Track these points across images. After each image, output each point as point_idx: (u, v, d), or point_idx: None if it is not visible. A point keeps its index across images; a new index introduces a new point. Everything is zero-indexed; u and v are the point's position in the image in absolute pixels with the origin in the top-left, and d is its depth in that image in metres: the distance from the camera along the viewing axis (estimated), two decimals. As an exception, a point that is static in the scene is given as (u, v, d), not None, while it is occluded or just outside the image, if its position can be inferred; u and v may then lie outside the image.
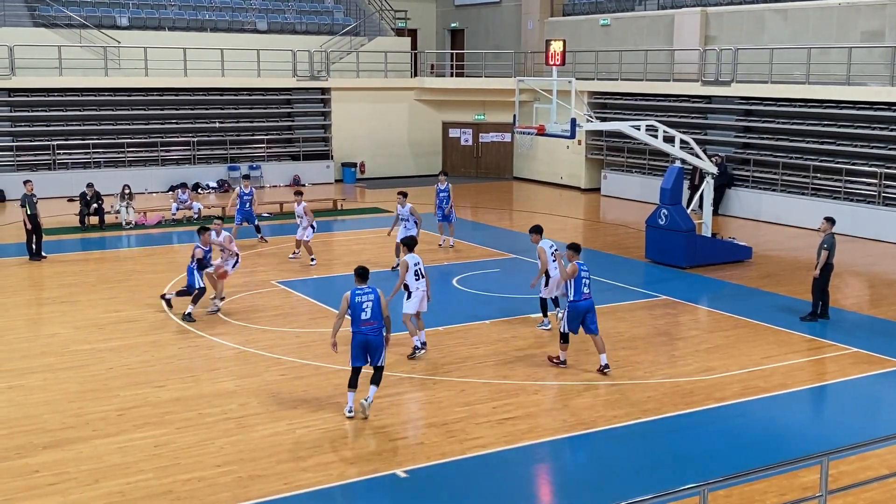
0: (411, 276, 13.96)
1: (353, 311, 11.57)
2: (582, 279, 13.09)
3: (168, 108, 32.42)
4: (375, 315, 11.55)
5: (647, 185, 29.52)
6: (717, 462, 10.39)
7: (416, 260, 14.07)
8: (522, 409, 12.01)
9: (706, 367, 13.71)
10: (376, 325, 11.56)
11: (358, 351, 11.58)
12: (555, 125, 19.80)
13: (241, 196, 22.64)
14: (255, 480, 9.96)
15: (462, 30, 41.48)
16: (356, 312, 11.55)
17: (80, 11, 31.80)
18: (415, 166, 35.98)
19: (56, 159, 30.18)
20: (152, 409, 11.95)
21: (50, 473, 10.07)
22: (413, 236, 15.15)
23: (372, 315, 11.53)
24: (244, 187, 22.82)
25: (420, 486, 9.99)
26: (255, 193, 22.97)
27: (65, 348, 14.47)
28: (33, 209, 20.43)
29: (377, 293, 11.66)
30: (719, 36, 29.18)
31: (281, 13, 36.23)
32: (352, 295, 11.59)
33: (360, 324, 11.52)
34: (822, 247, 15.88)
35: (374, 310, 11.56)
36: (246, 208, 22.62)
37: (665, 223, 20.33)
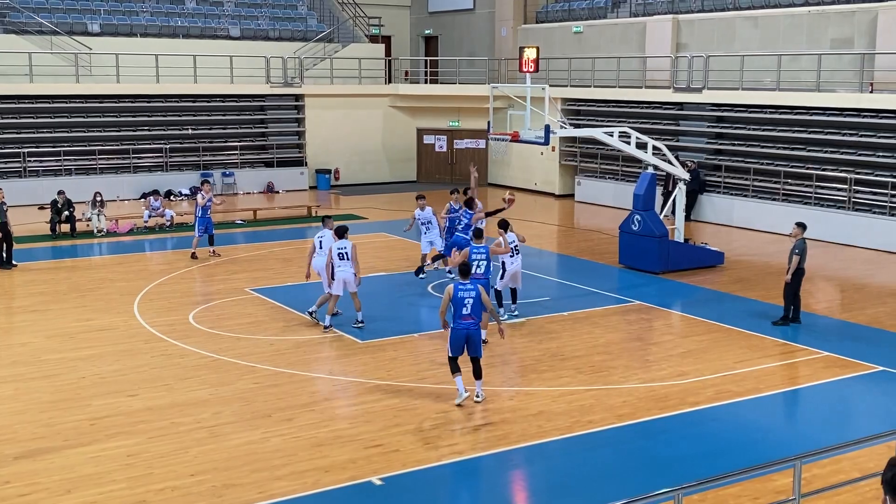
0: None
1: (454, 305, 12.17)
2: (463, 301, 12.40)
3: (140, 114, 32.20)
4: (475, 310, 12.16)
5: (620, 192, 29.66)
6: (691, 466, 10.44)
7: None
8: (498, 415, 12.01)
9: (680, 372, 13.78)
10: (475, 320, 12.21)
11: (457, 344, 12.15)
12: (529, 131, 19.85)
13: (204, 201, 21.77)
14: (230, 489, 9.89)
15: (436, 37, 41.55)
16: (458, 307, 12.15)
17: (50, 18, 31.53)
18: (389, 173, 35.95)
19: (26, 167, 29.87)
20: (125, 418, 11.84)
21: (21, 484, 9.95)
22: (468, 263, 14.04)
23: (472, 310, 12.13)
24: (204, 193, 21.77)
25: (395, 494, 9.96)
26: (213, 201, 22.10)
27: (36, 357, 14.32)
28: (3, 217, 20.21)
29: (478, 289, 12.25)
30: (690, 43, 29.41)
31: (254, 19, 36.11)
32: (454, 290, 12.17)
33: (461, 318, 12.14)
34: (793, 252, 16.02)
35: (475, 305, 12.16)
36: (207, 216, 21.53)
37: (638, 229, 20.44)
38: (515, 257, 16.16)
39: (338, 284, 15.42)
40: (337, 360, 14.20)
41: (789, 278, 16.05)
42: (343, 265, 15.32)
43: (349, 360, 14.26)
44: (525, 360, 14.36)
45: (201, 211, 21.31)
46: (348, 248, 15.38)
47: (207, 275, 19.99)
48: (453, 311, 12.22)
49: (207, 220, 21.39)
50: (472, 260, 14.70)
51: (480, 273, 14.68)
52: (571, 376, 13.55)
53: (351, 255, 15.38)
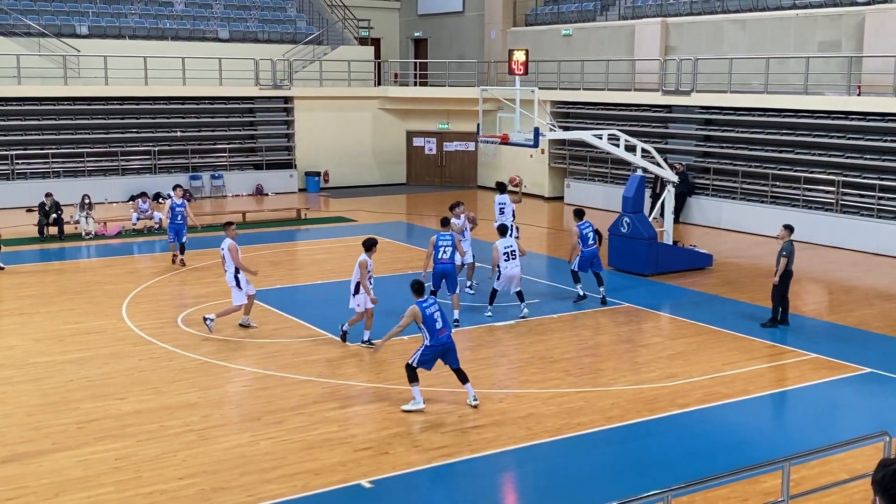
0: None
1: (427, 324, 12.04)
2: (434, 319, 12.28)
3: (128, 117, 32.09)
4: (446, 322, 12.26)
5: (609, 194, 29.72)
6: (680, 468, 10.45)
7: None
8: (487, 417, 12.02)
9: (669, 374, 13.81)
10: (448, 331, 12.25)
11: (431, 360, 12.12)
12: (518, 134, 19.88)
13: (173, 208, 20.90)
14: (219, 493, 9.86)
15: (425, 39, 41.57)
16: (430, 325, 12.05)
17: (38, 20, 31.41)
18: (379, 175, 35.94)
19: (14, 169, 29.74)
20: (113, 421, 11.79)
21: (8, 488, 9.89)
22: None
23: (444, 323, 12.18)
24: (176, 198, 20.99)
25: (385, 497, 9.96)
26: (187, 206, 21.37)
27: (23, 361, 14.25)
28: None
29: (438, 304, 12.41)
30: (679, 46, 29.50)
31: (243, 21, 36.05)
32: (421, 309, 12.06)
33: (437, 334, 12.08)
34: (780, 254, 16.07)
35: (444, 317, 12.26)
36: (177, 221, 20.77)
37: (627, 231, 20.48)
38: (511, 262, 16.35)
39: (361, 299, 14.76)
40: (326, 364, 14.18)
41: (777, 280, 16.11)
42: None
43: (339, 363, 14.24)
44: (514, 363, 14.37)
45: (171, 216, 20.80)
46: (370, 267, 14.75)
47: (196, 277, 19.94)
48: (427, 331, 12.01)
49: (178, 226, 20.74)
50: (439, 247, 16.03)
51: (446, 258, 15.98)
52: (561, 378, 13.56)
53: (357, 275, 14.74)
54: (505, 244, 16.39)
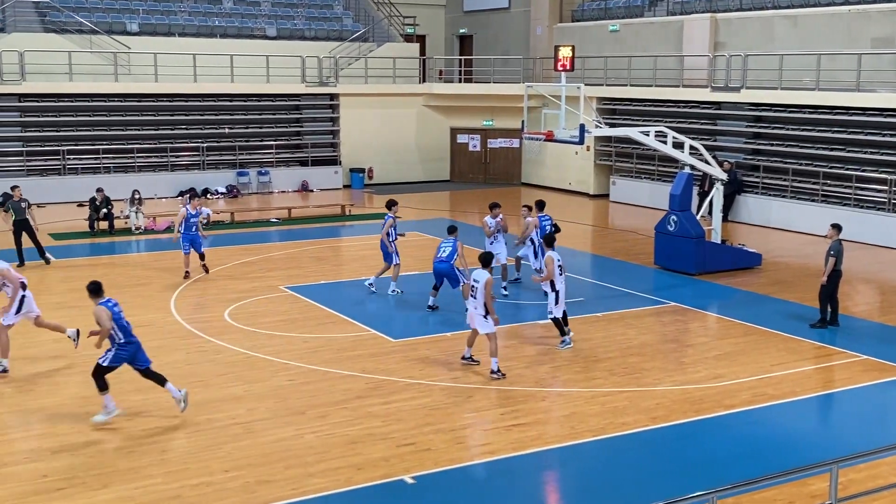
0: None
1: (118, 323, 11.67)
2: None
3: (178, 113, 32.51)
4: None
5: (656, 191, 29.47)
6: (727, 470, 10.34)
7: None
8: (530, 415, 11.98)
9: (715, 375, 13.66)
10: None
11: (126, 360, 11.80)
12: (563, 131, 19.78)
13: (188, 218, 19.50)
14: (263, 486, 9.95)
15: (471, 36, 41.52)
16: (122, 325, 11.72)
17: (90, 17, 31.92)
18: (423, 172, 35.99)
19: (66, 164, 30.27)
20: (161, 413, 11.95)
21: (60, 478, 10.08)
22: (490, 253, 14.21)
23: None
24: (191, 208, 19.73)
25: (427, 493, 9.98)
26: (202, 215, 20.14)
27: (74, 352, 14.48)
28: (21, 214, 20.50)
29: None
30: (729, 42, 29.14)
31: (290, 19, 36.31)
32: (108, 309, 11.67)
33: (131, 333, 11.83)
34: (829, 254, 15.82)
35: None
36: (192, 232, 19.46)
37: (674, 229, 20.28)
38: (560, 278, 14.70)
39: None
40: (370, 359, 14.24)
41: (825, 280, 15.85)
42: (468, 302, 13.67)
43: (382, 358, 14.29)
44: (558, 361, 14.30)
45: (184, 226, 19.44)
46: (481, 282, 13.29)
47: (242, 273, 20.13)
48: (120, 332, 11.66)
49: (193, 236, 19.45)
50: (439, 247, 16.68)
51: (443, 258, 16.40)
52: (605, 378, 13.48)
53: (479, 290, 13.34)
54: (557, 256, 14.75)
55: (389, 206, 18.44)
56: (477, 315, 13.25)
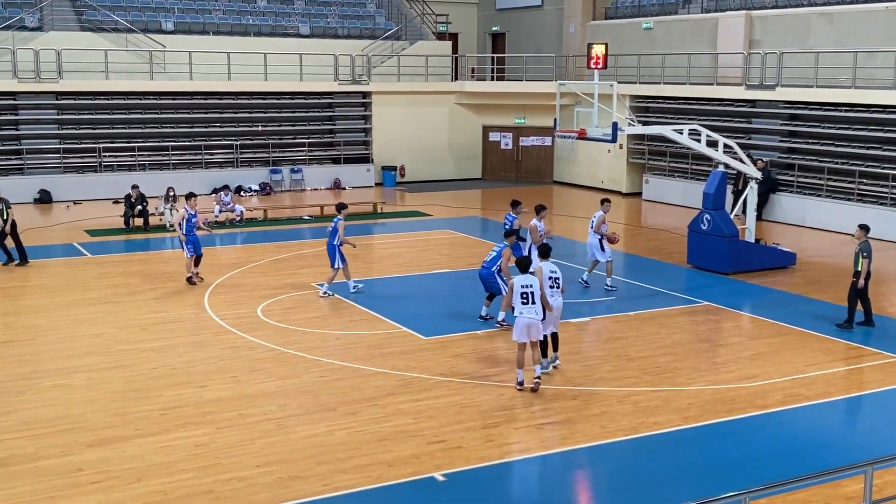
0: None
1: None
2: None
3: (212, 111, 32.78)
4: None
5: (689, 190, 29.27)
6: (759, 470, 10.27)
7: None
8: (561, 414, 11.96)
9: (748, 375, 13.56)
10: None
11: None
12: (596, 129, 19.71)
13: (189, 219, 18.70)
14: (295, 481, 10.02)
15: (503, 33, 41.46)
16: None
17: (126, 16, 32.26)
18: (454, 170, 36.00)
19: (102, 162, 30.63)
20: (194, 409, 12.07)
21: (93, 472, 10.21)
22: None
23: None
24: (189, 207, 18.82)
25: (457, 490, 9.99)
26: (199, 217, 19.10)
27: (109, 348, 14.68)
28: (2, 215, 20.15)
29: None
30: (764, 40, 28.86)
31: (323, 18, 36.47)
32: None
33: None
34: (861, 255, 15.53)
35: None
36: (192, 234, 18.62)
37: (708, 228, 20.13)
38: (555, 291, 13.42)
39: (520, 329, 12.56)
40: (401, 356, 14.27)
41: (862, 283, 15.62)
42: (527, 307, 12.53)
43: (413, 355, 14.32)
44: (589, 360, 14.26)
45: (186, 228, 18.60)
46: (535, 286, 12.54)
47: (275, 269, 20.26)
48: None
49: (194, 237, 18.67)
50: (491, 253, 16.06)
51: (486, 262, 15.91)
52: (637, 377, 13.42)
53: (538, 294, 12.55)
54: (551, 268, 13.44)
55: (339, 209, 18.32)
56: (536, 321, 12.36)
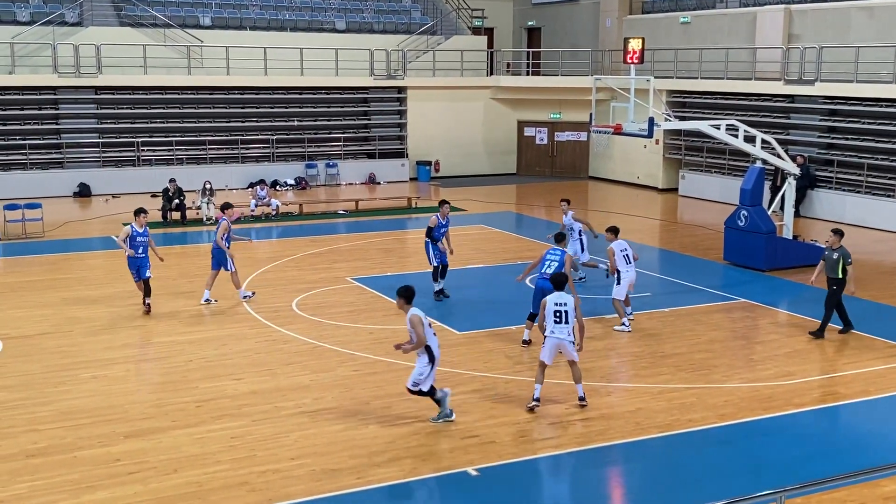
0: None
1: None
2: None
3: (248, 106, 33.02)
4: None
5: (726, 186, 29.02)
6: (795, 469, 10.17)
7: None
8: (595, 410, 11.91)
9: (785, 372, 13.42)
10: None
11: None
12: (632, 124, 19.60)
13: (133, 237, 16.10)
14: (329, 474, 10.08)
15: (539, 28, 41.32)
16: None
17: (164, 11, 32.57)
18: (489, 165, 35.97)
19: (140, 156, 30.97)
20: (230, 401, 12.18)
21: (130, 462, 10.34)
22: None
23: None
24: (137, 225, 16.18)
25: (491, 485, 9.99)
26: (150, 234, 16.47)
27: (146, 340, 14.85)
28: None
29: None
30: (803, 34, 28.51)
31: (359, 13, 36.57)
32: None
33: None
34: (845, 261, 14.88)
35: None
36: (139, 254, 16.09)
37: (745, 224, 19.95)
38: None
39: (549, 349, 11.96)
40: (435, 351, 14.28)
41: (854, 288, 15.08)
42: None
43: (446, 351, 14.28)
44: (624, 357, 14.20)
45: (131, 245, 16.09)
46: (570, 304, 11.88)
47: (310, 264, 20.38)
48: None
49: (140, 260, 16.19)
50: (546, 259, 14.63)
51: (549, 273, 14.25)
52: (672, 374, 13.34)
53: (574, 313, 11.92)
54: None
55: (224, 209, 17.35)
56: (567, 342, 11.84)
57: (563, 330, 11.75)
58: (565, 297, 11.86)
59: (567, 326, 11.75)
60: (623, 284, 15.37)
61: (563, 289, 12.04)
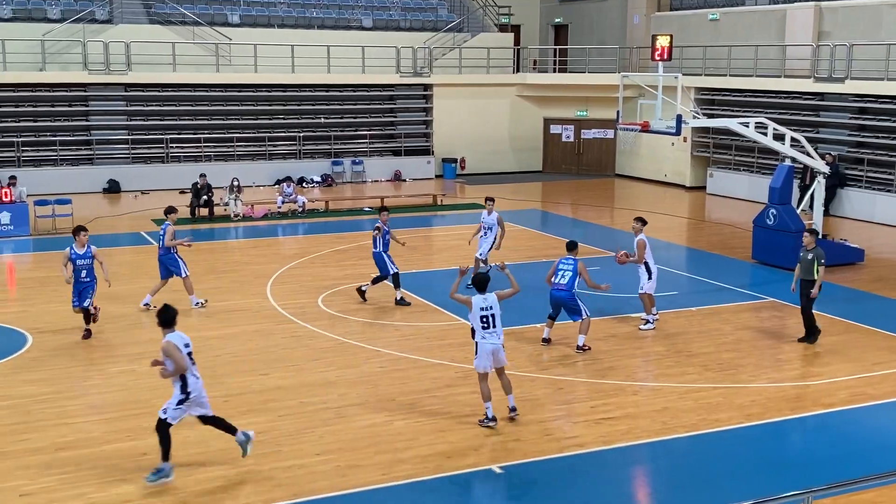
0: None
1: None
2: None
3: (276, 103, 33.18)
4: None
5: (755, 184, 28.80)
6: (823, 470, 10.09)
7: None
8: (621, 409, 11.88)
9: (813, 372, 13.32)
10: None
11: None
12: (660, 121, 19.51)
13: (73, 259, 14.39)
14: (354, 470, 10.12)
15: (566, 25, 41.19)
16: None
17: (193, 9, 32.78)
18: (515, 163, 35.91)
19: (169, 153, 31.20)
20: (256, 396, 12.26)
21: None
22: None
23: None
24: (77, 247, 14.42)
25: (515, 483, 9.99)
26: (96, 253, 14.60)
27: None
28: None
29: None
30: (833, 31, 28.22)
31: (386, 10, 36.62)
32: None
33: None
34: (817, 262, 14.14)
35: None
36: (82, 279, 14.41)
37: (773, 223, 19.80)
38: None
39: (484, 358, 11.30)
40: (460, 348, 14.30)
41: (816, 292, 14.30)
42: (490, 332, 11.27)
43: (471, 347, 14.28)
44: (650, 356, 14.14)
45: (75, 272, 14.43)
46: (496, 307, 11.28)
47: (335, 260, 20.45)
48: None
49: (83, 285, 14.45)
50: (559, 269, 14.23)
51: (563, 284, 14.06)
52: (698, 373, 13.27)
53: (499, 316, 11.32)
54: None
55: (167, 213, 16.46)
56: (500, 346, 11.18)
57: (494, 334, 11.14)
58: (490, 300, 11.19)
59: (496, 330, 11.13)
60: (654, 279, 15.32)
61: (485, 290, 11.24)
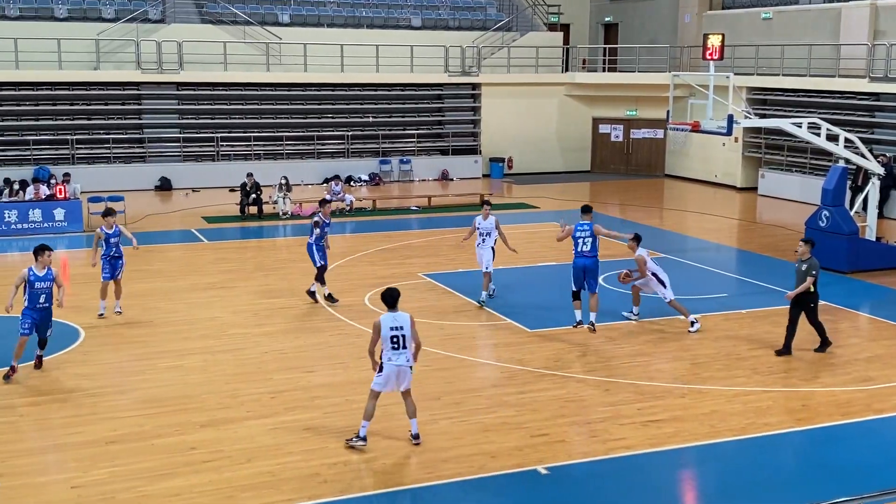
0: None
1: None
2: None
3: (324, 102, 33.39)
4: None
5: (807, 185, 28.32)
6: (873, 476, 9.87)
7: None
8: (668, 412, 11.76)
9: (865, 377, 13.06)
10: None
11: None
12: (710, 121, 19.30)
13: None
14: (398, 468, 10.14)
15: (616, 24, 40.89)
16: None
17: (244, 9, 33.12)
18: (563, 162, 35.73)
19: (219, 151, 31.57)
20: (303, 393, 12.34)
21: (206, 451, 10.55)
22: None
23: None
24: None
25: (561, 484, 9.94)
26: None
27: (222, 332, 15.12)
28: None
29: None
30: (889, 30, 27.66)
31: (435, 9, 36.67)
32: None
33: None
34: (809, 273, 13.76)
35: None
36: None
37: (826, 225, 19.46)
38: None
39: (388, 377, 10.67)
40: (505, 348, 14.28)
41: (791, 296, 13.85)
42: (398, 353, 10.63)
43: (517, 347, 14.30)
44: (699, 358, 13.97)
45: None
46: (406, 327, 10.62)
47: (382, 259, 20.52)
48: None
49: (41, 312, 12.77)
50: (577, 236, 14.54)
51: (587, 251, 14.40)
52: (747, 376, 13.09)
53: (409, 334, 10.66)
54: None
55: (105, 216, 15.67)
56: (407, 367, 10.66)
57: (402, 356, 10.56)
58: (401, 319, 10.54)
59: (405, 352, 10.55)
60: (668, 285, 15.22)
61: (396, 307, 10.60)
